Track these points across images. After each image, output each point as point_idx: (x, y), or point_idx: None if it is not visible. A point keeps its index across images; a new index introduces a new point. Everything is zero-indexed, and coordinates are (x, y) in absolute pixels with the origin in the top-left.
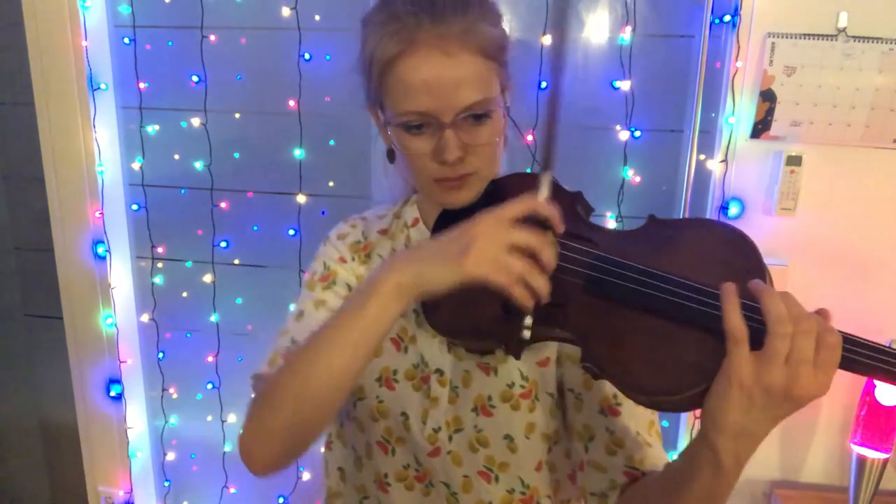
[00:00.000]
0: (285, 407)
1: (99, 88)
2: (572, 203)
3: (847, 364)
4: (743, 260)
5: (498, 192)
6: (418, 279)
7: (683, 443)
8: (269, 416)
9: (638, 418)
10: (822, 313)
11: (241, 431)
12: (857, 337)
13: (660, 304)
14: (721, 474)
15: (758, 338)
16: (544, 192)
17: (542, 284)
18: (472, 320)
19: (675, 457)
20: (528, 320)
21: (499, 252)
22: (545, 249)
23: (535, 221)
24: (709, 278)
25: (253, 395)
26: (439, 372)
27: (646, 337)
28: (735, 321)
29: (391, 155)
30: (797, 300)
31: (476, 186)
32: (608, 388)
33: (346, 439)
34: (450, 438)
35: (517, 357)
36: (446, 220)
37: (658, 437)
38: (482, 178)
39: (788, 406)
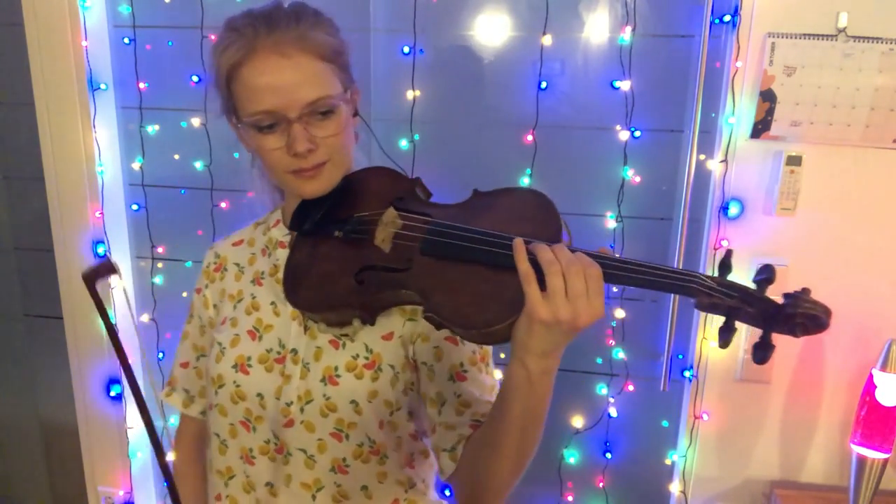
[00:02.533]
0: None
1: (99, 88)
2: (412, 186)
3: (613, 280)
4: (543, 214)
5: (352, 185)
6: None
7: (683, 442)
8: None
9: (481, 382)
10: (601, 251)
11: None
12: (618, 260)
13: (478, 254)
14: (534, 387)
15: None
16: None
17: None
18: (329, 294)
19: None
20: None
21: None
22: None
23: (387, 199)
24: (519, 231)
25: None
26: (294, 352)
27: (471, 283)
28: (523, 266)
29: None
30: (567, 250)
31: (330, 176)
32: (455, 357)
33: (208, 433)
34: (301, 410)
35: (372, 323)
36: (305, 210)
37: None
38: (335, 166)
39: (577, 329)
